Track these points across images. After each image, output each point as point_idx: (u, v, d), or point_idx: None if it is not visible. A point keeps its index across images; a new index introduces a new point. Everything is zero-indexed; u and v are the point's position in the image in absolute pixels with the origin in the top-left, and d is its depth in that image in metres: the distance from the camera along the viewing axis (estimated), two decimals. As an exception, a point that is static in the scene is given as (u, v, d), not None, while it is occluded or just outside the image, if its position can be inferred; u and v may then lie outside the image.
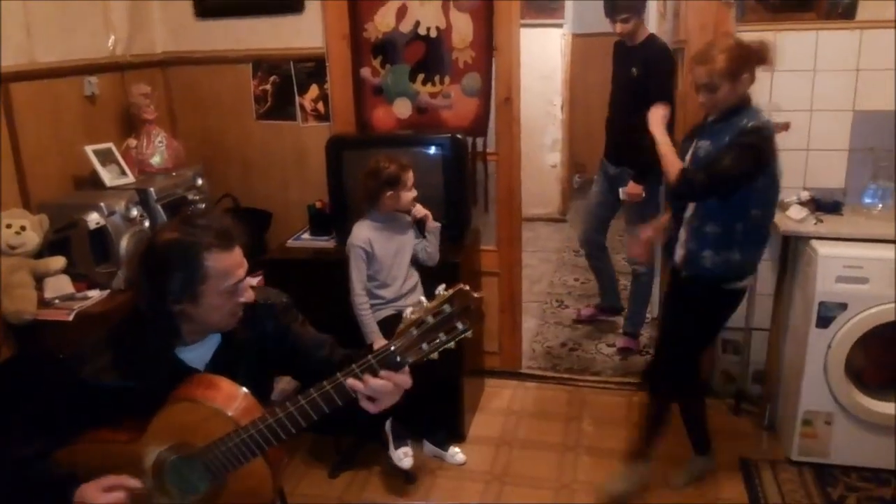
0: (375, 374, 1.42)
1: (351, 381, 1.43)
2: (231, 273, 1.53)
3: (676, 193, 2.46)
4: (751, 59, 2.33)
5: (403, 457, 2.77)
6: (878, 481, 2.64)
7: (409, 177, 2.65)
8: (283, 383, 2.64)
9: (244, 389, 1.54)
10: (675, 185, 2.36)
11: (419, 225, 2.76)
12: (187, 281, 1.49)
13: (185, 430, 1.50)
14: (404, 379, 1.44)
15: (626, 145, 3.55)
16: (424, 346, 1.39)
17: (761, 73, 2.79)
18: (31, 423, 1.54)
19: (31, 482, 1.52)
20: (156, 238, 1.55)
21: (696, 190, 2.33)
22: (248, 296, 1.58)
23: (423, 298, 1.42)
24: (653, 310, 4.01)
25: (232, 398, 1.52)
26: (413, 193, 2.68)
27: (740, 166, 2.25)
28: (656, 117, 2.54)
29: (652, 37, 3.47)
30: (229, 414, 1.49)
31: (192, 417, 1.49)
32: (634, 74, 3.43)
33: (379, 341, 2.63)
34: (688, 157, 2.46)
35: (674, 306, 2.64)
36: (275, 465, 1.55)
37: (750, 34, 2.80)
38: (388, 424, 2.82)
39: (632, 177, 3.49)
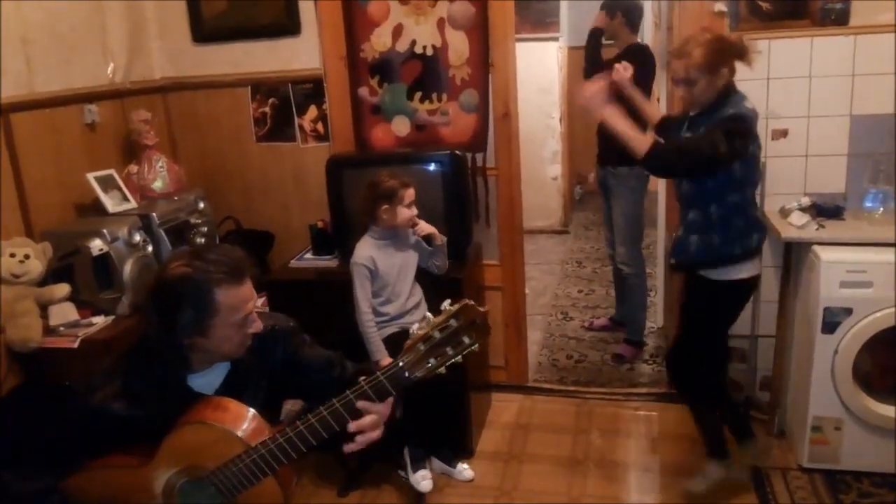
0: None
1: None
2: (241, 306, 1.54)
3: (647, 167, 2.35)
4: (729, 52, 2.30)
5: (421, 480, 2.77)
6: (890, 487, 2.61)
7: (409, 194, 2.66)
8: (289, 405, 2.63)
9: (252, 410, 1.55)
10: (645, 158, 2.24)
11: (426, 240, 2.76)
12: (198, 315, 1.49)
13: (195, 452, 1.50)
14: (383, 408, 1.51)
15: (615, 146, 3.63)
16: (432, 361, 1.41)
17: (757, 82, 2.82)
18: (39, 457, 1.54)
19: None
20: (166, 272, 1.54)
21: (667, 164, 2.27)
22: (256, 326, 1.59)
23: (428, 314, 1.44)
24: (656, 318, 3.99)
25: (241, 419, 1.53)
26: (412, 212, 2.68)
27: (712, 148, 2.19)
28: (593, 95, 2.27)
29: (634, 41, 3.65)
30: (239, 435, 1.49)
31: (203, 439, 1.50)
32: None
33: (385, 359, 2.64)
34: None
35: (684, 303, 2.62)
36: (285, 484, 1.55)
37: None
38: (405, 450, 2.82)
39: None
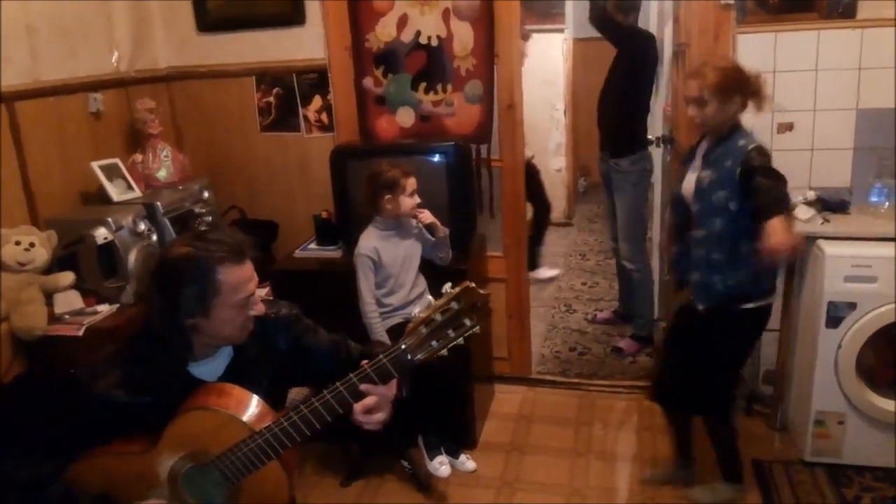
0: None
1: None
2: (242, 287, 1.54)
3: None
4: (743, 84, 2.27)
5: (440, 466, 2.81)
6: (892, 481, 2.62)
7: (410, 183, 2.66)
8: (294, 393, 2.64)
9: (256, 396, 1.55)
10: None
11: (429, 230, 2.77)
12: (200, 295, 1.50)
13: (200, 438, 1.51)
14: (386, 391, 1.52)
15: (615, 128, 3.68)
16: (434, 343, 1.42)
17: (764, 75, 2.80)
18: (42, 444, 1.54)
19: None
20: (168, 253, 1.55)
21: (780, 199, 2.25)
22: (258, 309, 1.59)
23: (430, 297, 1.44)
24: (654, 310, 3.96)
25: (245, 404, 1.53)
26: (415, 200, 2.68)
27: (782, 179, 2.23)
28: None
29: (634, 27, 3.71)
30: (243, 419, 1.50)
31: (206, 425, 1.50)
32: (619, 58, 3.67)
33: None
34: (689, 187, 2.39)
35: (700, 340, 2.44)
36: (290, 469, 1.56)
37: (751, 35, 2.84)
38: (420, 439, 2.86)
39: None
